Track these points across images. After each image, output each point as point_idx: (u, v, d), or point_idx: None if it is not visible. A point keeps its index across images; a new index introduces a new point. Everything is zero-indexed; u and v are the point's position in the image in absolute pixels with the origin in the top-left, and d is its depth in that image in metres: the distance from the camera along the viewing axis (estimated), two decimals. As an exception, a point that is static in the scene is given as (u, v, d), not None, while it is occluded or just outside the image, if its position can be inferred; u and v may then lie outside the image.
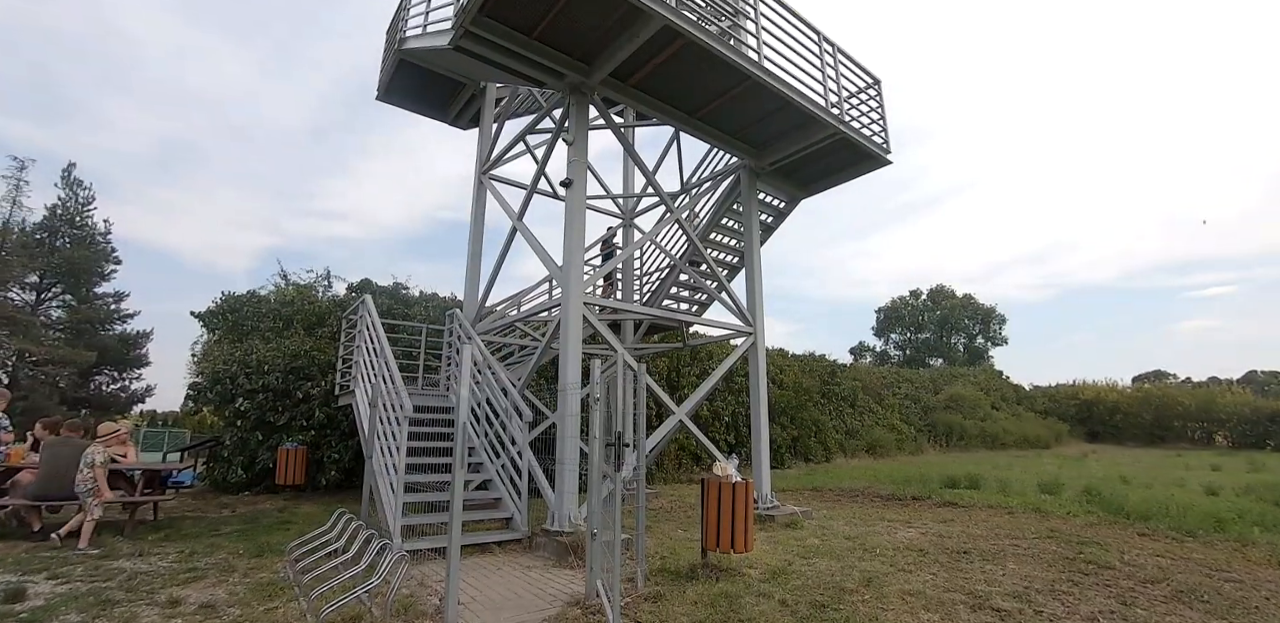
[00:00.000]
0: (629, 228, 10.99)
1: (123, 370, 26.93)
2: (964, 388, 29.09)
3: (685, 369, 14.91)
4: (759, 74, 6.97)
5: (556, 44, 6.52)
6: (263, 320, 12.92)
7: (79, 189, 27.16)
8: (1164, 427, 33.66)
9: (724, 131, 8.28)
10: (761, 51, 7.17)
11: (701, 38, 6.31)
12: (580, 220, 6.74)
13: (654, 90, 7.30)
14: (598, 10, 5.99)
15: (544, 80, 6.88)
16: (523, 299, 10.93)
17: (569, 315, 6.43)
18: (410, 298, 13.63)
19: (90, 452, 6.43)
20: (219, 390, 10.44)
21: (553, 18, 6.10)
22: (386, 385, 6.73)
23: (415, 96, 9.99)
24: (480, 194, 9.42)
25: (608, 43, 6.46)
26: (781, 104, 7.57)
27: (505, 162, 9.38)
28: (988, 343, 53.80)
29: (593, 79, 6.77)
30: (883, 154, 8.88)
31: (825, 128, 8.02)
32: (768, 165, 8.81)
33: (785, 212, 9.87)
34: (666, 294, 9.99)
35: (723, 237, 9.79)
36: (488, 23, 6.10)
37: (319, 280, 18.08)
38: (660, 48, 6.48)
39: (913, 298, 56.36)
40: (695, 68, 6.85)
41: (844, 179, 9.48)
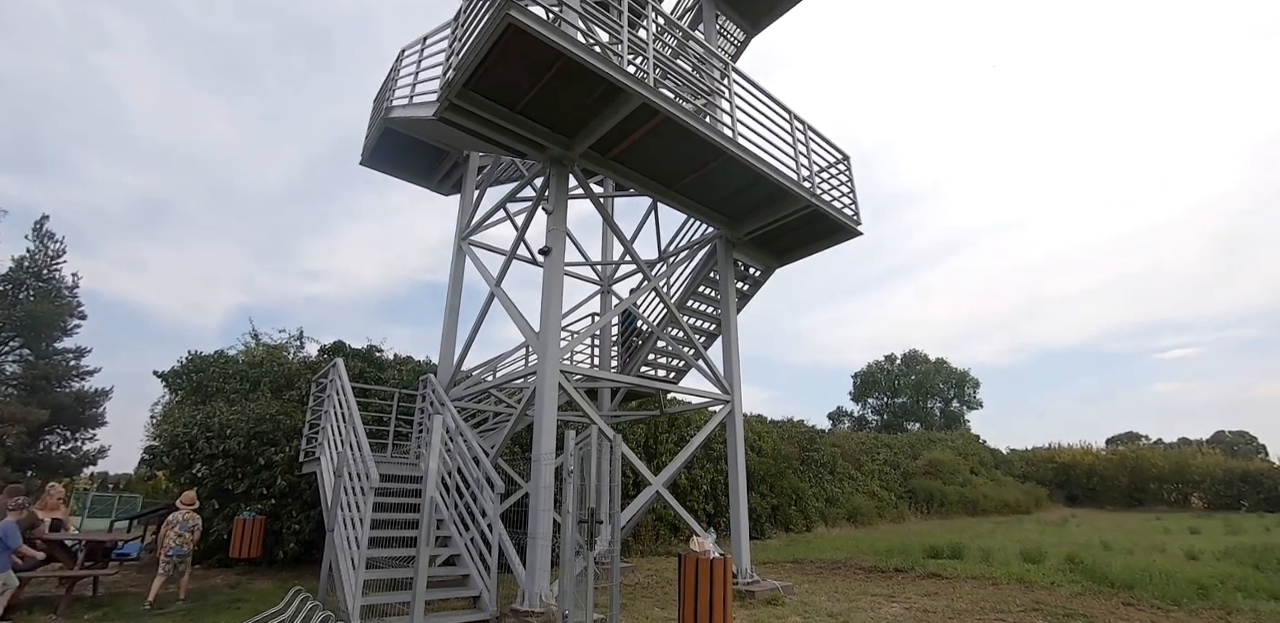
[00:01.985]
0: (607, 294, 11.07)
1: (76, 430, 25.84)
2: (942, 453, 28.95)
3: (663, 436, 14.70)
4: (733, 149, 7.25)
5: (539, 118, 6.75)
6: (229, 382, 12.59)
7: (50, 242, 26.85)
8: (1140, 489, 33.80)
9: (701, 203, 8.52)
10: (736, 128, 7.48)
11: (679, 115, 6.58)
12: (558, 288, 6.78)
13: (633, 163, 7.54)
14: (580, 87, 6.25)
15: (526, 152, 7.08)
16: (499, 365, 10.83)
17: (545, 383, 6.36)
18: (384, 361, 13.42)
19: None
20: (176, 455, 10.03)
21: (536, 93, 6.35)
22: (353, 453, 6.52)
23: (399, 163, 10.20)
24: (459, 259, 9.48)
25: (589, 118, 6.70)
26: (755, 178, 7.84)
27: (486, 227, 9.51)
28: (963, 407, 54.09)
29: (574, 151, 6.99)
30: (853, 226, 9.15)
31: (797, 201, 8.29)
32: (743, 235, 9.03)
33: (761, 280, 10.05)
34: (644, 360, 9.97)
35: (700, 304, 9.89)
36: (472, 97, 6.32)
37: (291, 341, 17.79)
38: (639, 123, 6.74)
39: (888, 363, 56.87)
40: (673, 142, 7.11)
41: (817, 249, 9.72)
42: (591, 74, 5.96)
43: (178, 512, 7.51)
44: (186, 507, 7.60)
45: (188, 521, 7.46)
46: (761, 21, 11.38)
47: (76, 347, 26.50)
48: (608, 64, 5.98)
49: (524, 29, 5.45)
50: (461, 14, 6.86)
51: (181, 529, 7.33)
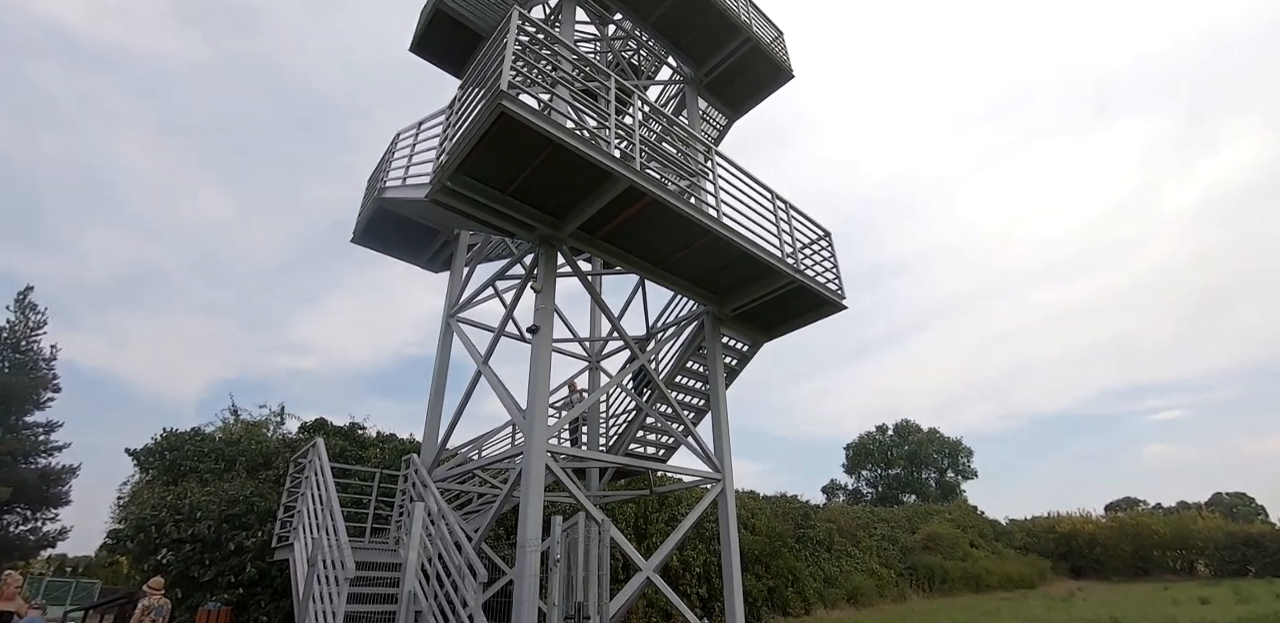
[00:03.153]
0: (595, 371, 11.01)
1: (38, 509, 24.61)
2: (941, 526, 28.17)
3: (653, 515, 14.24)
4: (718, 229, 7.41)
5: (528, 199, 6.91)
6: (203, 461, 12.19)
7: (32, 313, 26.55)
8: (1144, 558, 32.88)
9: (687, 280, 8.63)
10: (720, 208, 7.69)
11: (665, 197, 6.76)
12: (546, 367, 6.73)
13: (620, 242, 7.68)
14: (569, 171, 6.44)
15: (515, 232, 7.21)
16: (485, 443, 10.60)
17: (531, 465, 6.20)
18: (366, 439, 13.11)
19: None
20: (141, 540, 9.56)
21: (526, 176, 6.53)
22: (329, 540, 6.23)
23: (390, 241, 10.35)
24: (447, 336, 9.45)
25: (577, 200, 6.88)
26: (740, 255, 7.98)
27: (474, 304, 9.55)
28: (958, 477, 53.14)
29: (562, 232, 7.12)
30: (838, 300, 9.26)
31: (782, 277, 8.42)
32: (730, 311, 9.10)
33: (749, 355, 10.05)
34: (633, 438, 9.79)
35: (688, 380, 9.84)
36: (464, 180, 6.49)
37: (271, 417, 17.43)
38: (626, 205, 6.91)
39: (880, 434, 56.26)
40: (659, 222, 7.27)
41: (803, 324, 9.78)
42: (580, 159, 6.16)
43: (150, 597, 7.27)
44: (156, 592, 7.33)
45: (162, 606, 7.32)
46: (742, 108, 11.97)
47: (47, 421, 25.73)
48: (596, 150, 6.20)
49: (516, 118, 5.68)
50: (456, 102, 7.17)
51: (157, 615, 7.20)
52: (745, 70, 11.46)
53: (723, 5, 10.67)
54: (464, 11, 11.27)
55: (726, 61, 11.23)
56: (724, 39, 11.03)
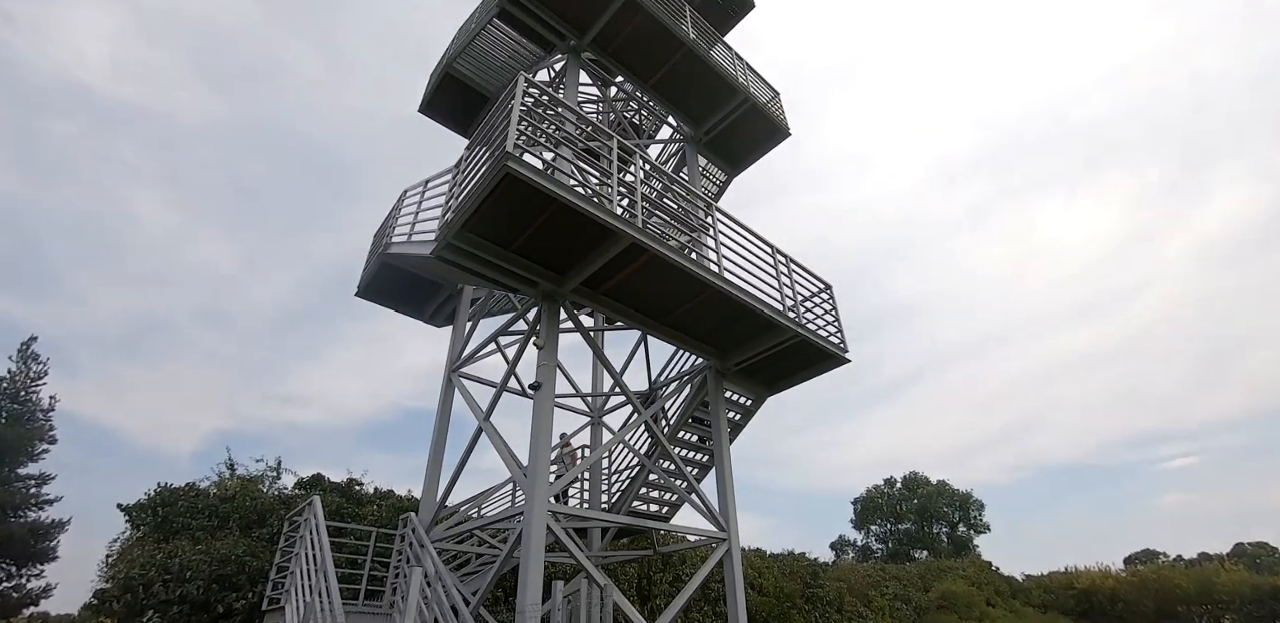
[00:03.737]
0: (598, 426, 10.90)
1: (23, 565, 23.87)
2: (955, 584, 27.17)
3: (657, 575, 13.79)
4: (719, 284, 7.47)
5: (532, 256, 7.00)
6: (196, 517, 11.92)
7: (33, 363, 26.47)
8: (1168, 614, 31.49)
9: (689, 335, 8.63)
10: (721, 264, 7.77)
11: (666, 254, 6.84)
12: (548, 424, 6.67)
13: (623, 297, 7.73)
14: (572, 229, 6.55)
15: (518, 288, 7.27)
16: (484, 500, 10.39)
17: (532, 526, 6.05)
18: (363, 496, 12.85)
19: None
20: (128, 601, 9.26)
21: (530, 234, 6.63)
22: (322, 604, 6.03)
23: (393, 295, 10.43)
24: (448, 392, 9.40)
25: (580, 257, 6.96)
26: (742, 310, 8.01)
27: (476, 359, 9.54)
28: (970, 531, 51.56)
29: (565, 288, 7.18)
30: (840, 353, 9.23)
31: (784, 331, 8.42)
32: (733, 366, 9.07)
33: (752, 409, 9.96)
34: (636, 495, 9.59)
35: (692, 435, 9.72)
36: (469, 237, 6.59)
37: (268, 471, 17.14)
38: (629, 261, 6.99)
39: (888, 486, 54.99)
40: (661, 278, 7.33)
41: (806, 377, 9.72)
42: (583, 217, 6.28)
43: None
44: None
45: None
46: (741, 164, 12.27)
47: (40, 473, 25.25)
48: (599, 208, 6.32)
49: (520, 178, 5.82)
50: (462, 162, 7.35)
51: None
52: (743, 129, 11.81)
53: (720, 69, 11.08)
54: (471, 74, 11.74)
55: (725, 121, 11.59)
56: (722, 100, 11.42)
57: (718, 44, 11.86)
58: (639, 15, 10.20)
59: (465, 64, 11.58)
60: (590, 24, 10.25)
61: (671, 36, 10.51)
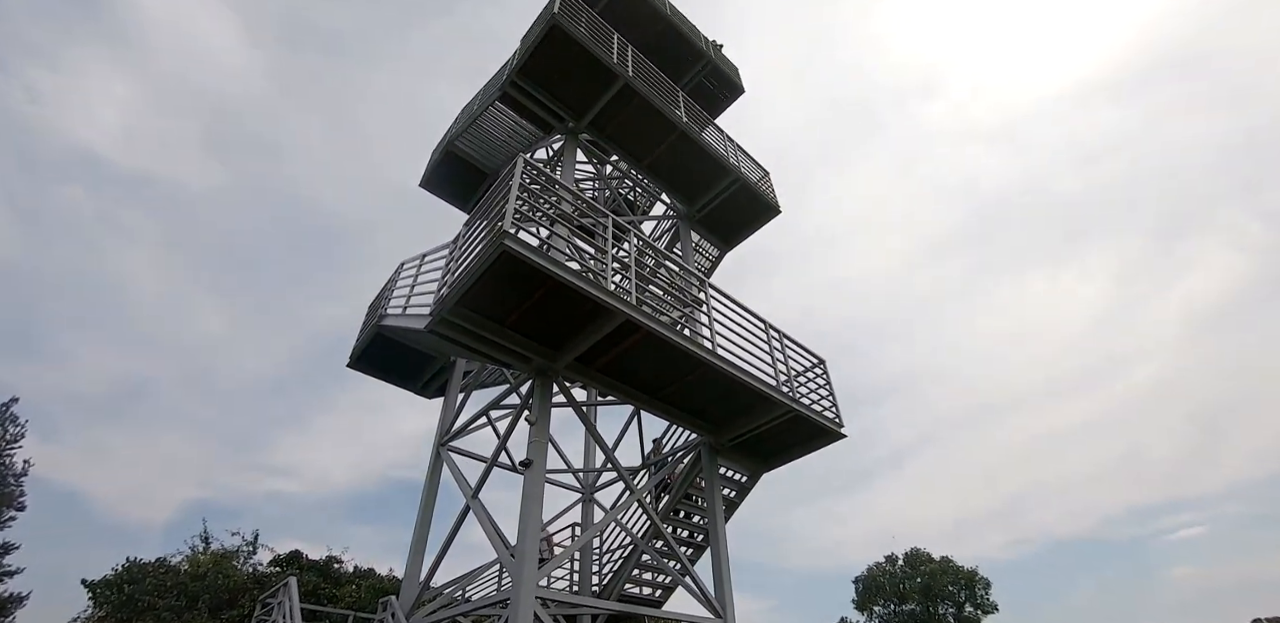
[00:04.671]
0: (589, 503, 10.57)
1: (-27, 644, 22.31)
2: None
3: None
4: (713, 361, 7.45)
5: (526, 331, 7.00)
6: (164, 596, 11.30)
7: (11, 425, 25.70)
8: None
9: (683, 410, 8.53)
10: (715, 339, 7.78)
11: (660, 331, 6.86)
12: (538, 503, 6.46)
13: (616, 373, 7.68)
14: (567, 305, 6.59)
15: (512, 363, 7.23)
16: (472, 579, 9.91)
17: (519, 613, 5.73)
18: (342, 575, 12.26)
19: None
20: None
21: (524, 310, 6.66)
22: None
23: (385, 366, 10.35)
24: (436, 466, 9.16)
25: (574, 332, 6.97)
26: (736, 386, 7.96)
27: (467, 433, 9.35)
28: (977, 611, 49.17)
29: (558, 363, 7.15)
30: (835, 428, 9.10)
31: (779, 406, 8.33)
32: (727, 441, 8.91)
33: (748, 486, 9.71)
34: (628, 577, 9.18)
35: (686, 513, 9.42)
36: (463, 312, 6.61)
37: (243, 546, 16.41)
38: (622, 337, 6.99)
39: (889, 564, 52.91)
40: (654, 354, 7.31)
41: (802, 453, 9.54)
42: (578, 294, 6.33)
43: None
44: None
45: None
46: (733, 240, 12.55)
47: (4, 542, 24.03)
48: (594, 286, 6.38)
49: (517, 256, 5.90)
50: (460, 237, 7.48)
51: None
52: (735, 207, 12.16)
53: (712, 150, 11.53)
54: (471, 152, 12.16)
55: (717, 199, 11.95)
56: (714, 179, 11.81)
57: (709, 126, 12.40)
58: (634, 100, 10.70)
59: (466, 142, 12.02)
60: (588, 108, 10.73)
61: (665, 120, 10.99)
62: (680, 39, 14.50)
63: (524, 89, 10.42)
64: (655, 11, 14.18)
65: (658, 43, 14.26)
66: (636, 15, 14.03)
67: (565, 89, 10.59)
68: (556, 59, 10.19)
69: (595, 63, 10.30)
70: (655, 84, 11.30)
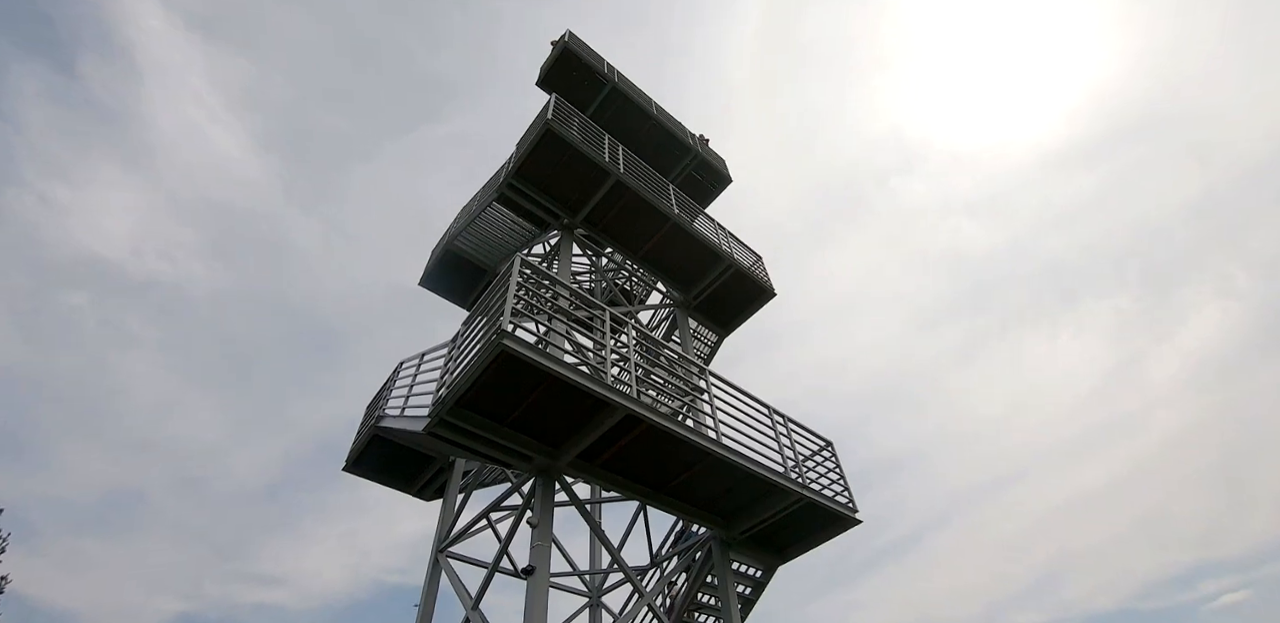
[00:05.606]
0: (596, 608, 10.01)
1: None
2: None
3: None
4: (718, 451, 7.31)
5: (526, 430, 6.90)
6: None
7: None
8: None
9: (690, 503, 8.27)
10: (718, 428, 7.66)
11: (663, 423, 6.77)
12: (542, 614, 6.12)
13: (620, 468, 7.51)
14: (567, 402, 6.54)
15: (512, 463, 7.09)
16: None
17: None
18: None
19: None
20: None
21: (524, 408, 6.61)
22: None
23: (382, 468, 10.11)
24: (435, 574, 8.74)
25: (575, 429, 6.88)
26: (744, 476, 7.76)
27: (467, 537, 9.01)
28: (1022, 711, 45.54)
29: (560, 462, 7.01)
30: (850, 514, 8.79)
31: (789, 495, 8.08)
32: (738, 535, 8.58)
33: (764, 581, 9.24)
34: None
35: (701, 615, 8.91)
36: (462, 413, 6.54)
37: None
38: (625, 432, 6.90)
39: (921, 655, 49.58)
40: (658, 447, 7.19)
41: (817, 542, 9.14)
42: (578, 390, 6.30)
43: None
44: None
45: None
46: (730, 325, 12.65)
47: (-21, 671, 22.42)
48: (594, 382, 6.36)
49: (516, 355, 5.92)
50: (459, 337, 7.53)
51: None
52: (730, 292, 12.35)
53: (704, 238, 11.86)
54: (469, 250, 12.50)
55: (712, 286, 12.15)
56: (708, 266, 12.07)
57: (700, 216, 12.82)
58: (626, 195, 11.13)
59: (465, 241, 12.38)
60: (582, 204, 11.14)
61: (657, 213, 11.38)
62: (668, 136, 15.31)
63: (520, 189, 10.86)
64: (643, 112, 15.06)
65: (647, 140, 15.04)
66: (625, 116, 14.90)
67: (560, 188, 11.04)
68: (551, 161, 10.69)
69: (588, 163, 10.79)
70: (646, 179, 11.79)
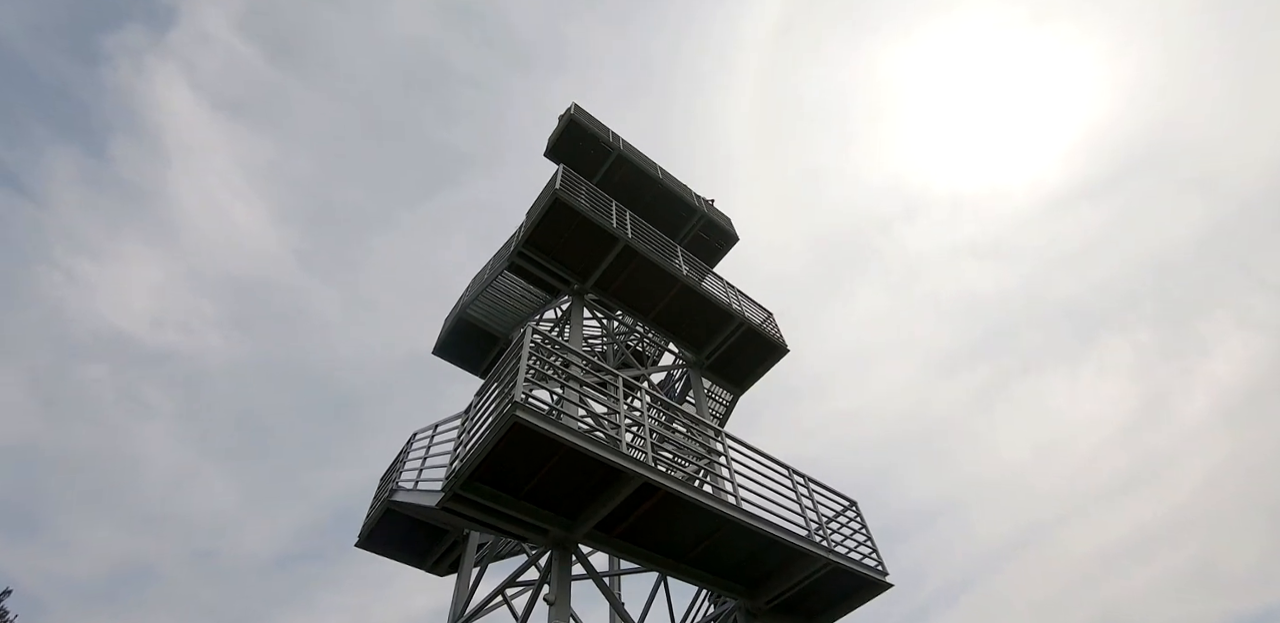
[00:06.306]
0: (619, 691, 9.56)
1: None
2: None
3: None
4: (738, 517, 7.13)
5: (542, 501, 6.81)
6: None
7: (3, 619, 24.18)
8: None
9: (712, 573, 8.01)
10: (737, 493, 7.50)
11: (680, 490, 6.66)
12: (562, 700, 5.86)
13: (638, 539, 7.34)
14: (582, 471, 6.49)
15: (527, 536, 6.97)
16: None
17: None
18: None
19: None
20: None
21: (539, 480, 6.54)
22: None
23: (395, 543, 9.95)
24: (451, 655, 8.44)
25: (591, 499, 6.78)
26: (766, 542, 7.55)
27: (482, 613, 8.73)
28: None
29: (576, 533, 6.87)
30: (880, 577, 8.45)
31: (814, 560, 7.81)
32: (764, 604, 8.25)
33: (795, 656, 8.81)
34: None
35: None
36: (476, 487, 6.48)
37: None
38: (641, 500, 6.79)
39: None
40: (677, 516, 7.04)
41: (848, 609, 8.74)
42: (593, 460, 6.25)
43: None
44: None
45: None
46: (744, 383, 12.59)
47: None
48: (608, 450, 6.32)
49: (529, 427, 5.92)
50: (472, 408, 7.54)
51: None
52: (742, 350, 12.35)
53: (713, 298, 11.98)
54: (482, 318, 12.67)
55: (724, 345, 12.18)
56: (718, 326, 12.14)
57: (709, 275, 12.99)
58: (635, 259, 11.34)
59: (477, 309, 12.57)
60: (592, 270, 11.35)
61: (666, 275, 11.55)
62: (674, 198, 15.71)
63: (531, 258, 11.10)
64: (648, 177, 15.51)
65: (653, 203, 15.45)
66: (632, 181, 15.35)
67: (570, 255, 11.28)
68: (560, 229, 10.98)
69: (596, 229, 11.06)
70: (654, 242, 12.04)
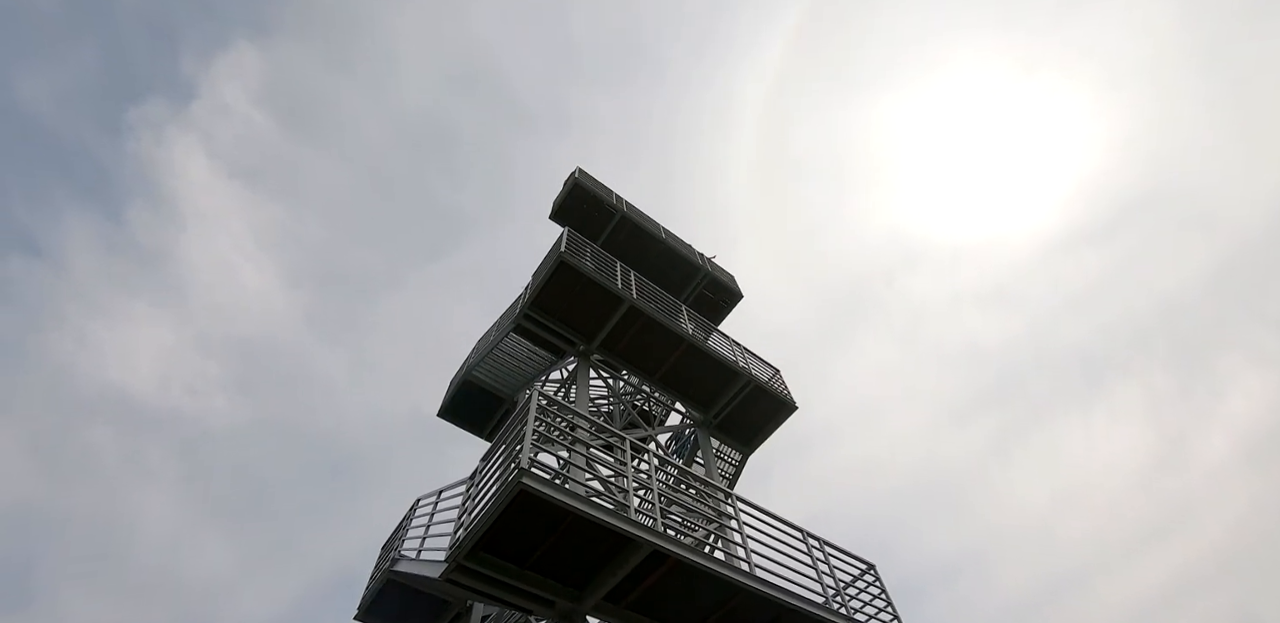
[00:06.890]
0: None
1: None
2: None
3: None
4: (753, 585, 6.89)
5: (548, 571, 6.60)
6: None
7: None
8: None
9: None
10: (750, 558, 7.27)
11: (691, 557, 6.46)
12: None
13: (648, 609, 7.06)
14: (589, 539, 6.31)
15: (533, 609, 6.72)
16: None
17: None
18: None
19: None
20: None
21: (545, 549, 6.37)
22: None
23: (396, 615, 9.59)
24: (453, 740, 7.99)
25: (599, 567, 6.58)
26: (783, 610, 7.26)
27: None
28: None
29: (584, 605, 6.63)
30: (904, 650, 8.08)
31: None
32: (784, 680, 7.85)
33: (819, 734, 8.29)
34: None
35: None
36: (481, 557, 6.31)
37: None
38: (651, 569, 6.57)
39: None
40: (688, 583, 6.80)
41: (872, 683, 8.33)
42: (601, 527, 6.10)
43: None
44: None
45: None
46: (753, 442, 12.40)
47: None
48: (617, 517, 6.17)
49: (536, 494, 5.81)
50: (477, 474, 7.42)
51: None
52: (750, 408, 12.22)
53: (719, 357, 11.95)
54: (487, 379, 12.64)
55: (731, 403, 12.07)
56: (725, 385, 12.06)
57: (714, 333, 13.00)
58: (640, 319, 11.40)
59: (483, 371, 12.56)
60: (597, 331, 11.39)
61: (671, 334, 11.58)
62: (678, 257, 15.93)
63: (536, 319, 11.18)
64: (652, 237, 15.79)
65: (657, 262, 15.66)
66: (636, 241, 15.63)
67: (575, 316, 11.35)
68: (565, 291, 11.10)
69: (601, 290, 11.18)
70: (659, 301, 12.12)
